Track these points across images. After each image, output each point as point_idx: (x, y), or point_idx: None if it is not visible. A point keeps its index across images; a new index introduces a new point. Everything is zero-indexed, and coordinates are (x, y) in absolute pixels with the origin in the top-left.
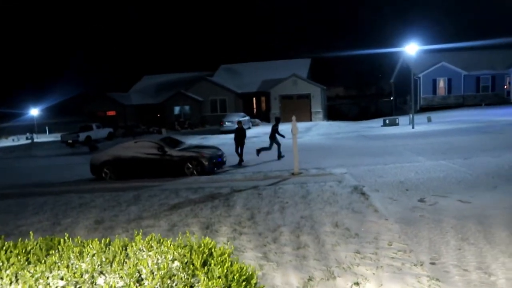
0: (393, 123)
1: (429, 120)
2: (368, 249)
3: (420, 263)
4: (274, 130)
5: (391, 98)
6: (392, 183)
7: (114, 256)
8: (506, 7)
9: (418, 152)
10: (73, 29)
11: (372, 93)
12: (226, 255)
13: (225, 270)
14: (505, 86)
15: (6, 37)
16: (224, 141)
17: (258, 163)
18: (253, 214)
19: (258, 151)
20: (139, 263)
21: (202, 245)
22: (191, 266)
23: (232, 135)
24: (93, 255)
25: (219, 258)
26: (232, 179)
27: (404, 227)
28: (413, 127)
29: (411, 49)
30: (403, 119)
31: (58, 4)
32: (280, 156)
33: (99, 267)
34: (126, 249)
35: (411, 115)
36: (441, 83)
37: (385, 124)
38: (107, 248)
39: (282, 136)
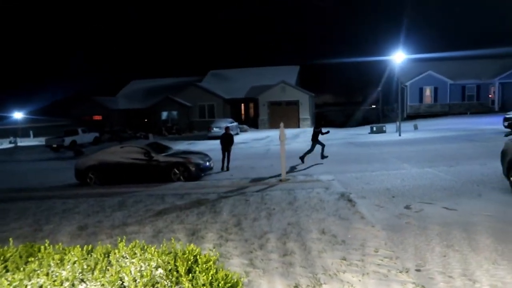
0: (380, 131)
1: (415, 128)
2: (355, 256)
3: (406, 270)
4: (316, 132)
5: (379, 105)
6: (379, 190)
7: (96, 263)
8: (491, 19)
9: (405, 159)
10: (61, 32)
11: (359, 101)
12: (212, 262)
13: (210, 278)
14: (490, 96)
15: None
16: (212, 147)
17: (245, 170)
18: (240, 220)
19: (302, 158)
20: (121, 271)
21: (187, 252)
22: (175, 273)
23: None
24: (74, 262)
25: (204, 265)
26: (219, 185)
27: (391, 234)
28: (399, 135)
29: (398, 57)
30: (390, 127)
31: (46, 7)
32: (323, 156)
33: (80, 274)
34: (108, 256)
35: (398, 123)
36: (428, 92)
37: (372, 132)
38: (89, 255)
39: (326, 133)
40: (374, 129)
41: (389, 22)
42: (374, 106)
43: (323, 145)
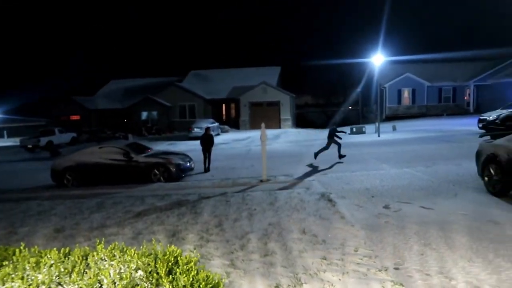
0: (360, 131)
1: (394, 128)
2: (335, 255)
3: (384, 268)
4: (333, 130)
5: (358, 107)
6: (359, 190)
7: (74, 266)
8: (468, 23)
9: (384, 160)
10: (38, 31)
11: (340, 102)
12: (192, 263)
13: (191, 279)
14: (465, 98)
15: None
16: (193, 148)
17: (226, 170)
18: (221, 221)
19: (316, 154)
20: (100, 273)
21: (168, 253)
22: (155, 275)
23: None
24: (51, 265)
25: (184, 267)
26: (200, 186)
27: (370, 233)
28: (379, 136)
29: (377, 60)
30: (369, 128)
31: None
32: (341, 155)
33: (57, 278)
34: (86, 259)
35: (377, 124)
36: (406, 93)
37: (352, 132)
38: (66, 258)
39: (343, 132)
40: (354, 130)
41: (369, 25)
42: (354, 107)
43: (339, 144)
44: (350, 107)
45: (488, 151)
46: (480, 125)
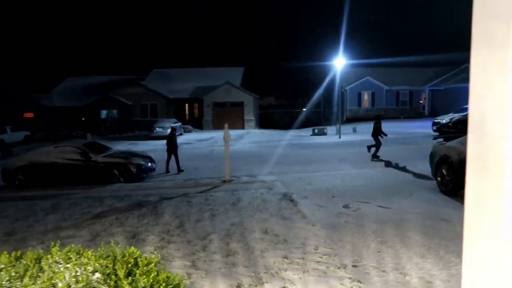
0: (322, 133)
1: (354, 130)
2: (296, 254)
3: (343, 266)
4: (376, 129)
5: (321, 108)
6: (320, 190)
7: (26, 270)
8: (425, 30)
9: (344, 160)
10: None
11: (303, 103)
12: (153, 264)
13: (151, 280)
14: (421, 101)
15: None
16: (154, 147)
17: (189, 171)
18: (183, 222)
19: (375, 156)
20: (54, 277)
21: (127, 255)
22: (113, 277)
23: (164, 141)
24: (1, 270)
25: (144, 268)
26: (162, 187)
27: (330, 232)
28: (339, 137)
29: (339, 63)
30: (330, 129)
31: None
32: (375, 156)
33: (8, 282)
34: (40, 262)
35: (338, 126)
36: (366, 96)
37: (314, 134)
38: (18, 262)
39: (385, 134)
40: (316, 131)
41: (332, 29)
42: (317, 109)
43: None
44: (313, 109)
45: (441, 153)
46: (434, 127)
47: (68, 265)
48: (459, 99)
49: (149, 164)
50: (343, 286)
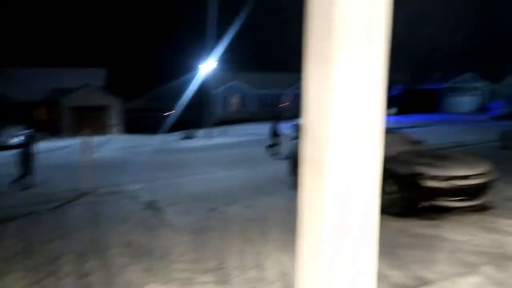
0: (190, 137)
1: (222, 133)
2: (160, 264)
3: (208, 270)
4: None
5: (190, 111)
6: (187, 195)
7: None
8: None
9: (213, 163)
10: None
11: (171, 106)
12: None
13: None
14: (285, 104)
15: None
16: None
17: (41, 184)
18: (28, 245)
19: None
20: None
21: None
22: None
23: (10, 152)
24: None
25: None
26: (5, 206)
27: (196, 237)
28: (209, 140)
29: (208, 66)
30: (200, 132)
31: None
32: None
33: None
34: None
35: (206, 129)
36: (234, 99)
37: (182, 138)
38: None
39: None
40: (185, 135)
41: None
42: (186, 112)
43: (277, 144)
44: (182, 112)
45: (295, 153)
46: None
47: None
48: None
49: None
50: None
